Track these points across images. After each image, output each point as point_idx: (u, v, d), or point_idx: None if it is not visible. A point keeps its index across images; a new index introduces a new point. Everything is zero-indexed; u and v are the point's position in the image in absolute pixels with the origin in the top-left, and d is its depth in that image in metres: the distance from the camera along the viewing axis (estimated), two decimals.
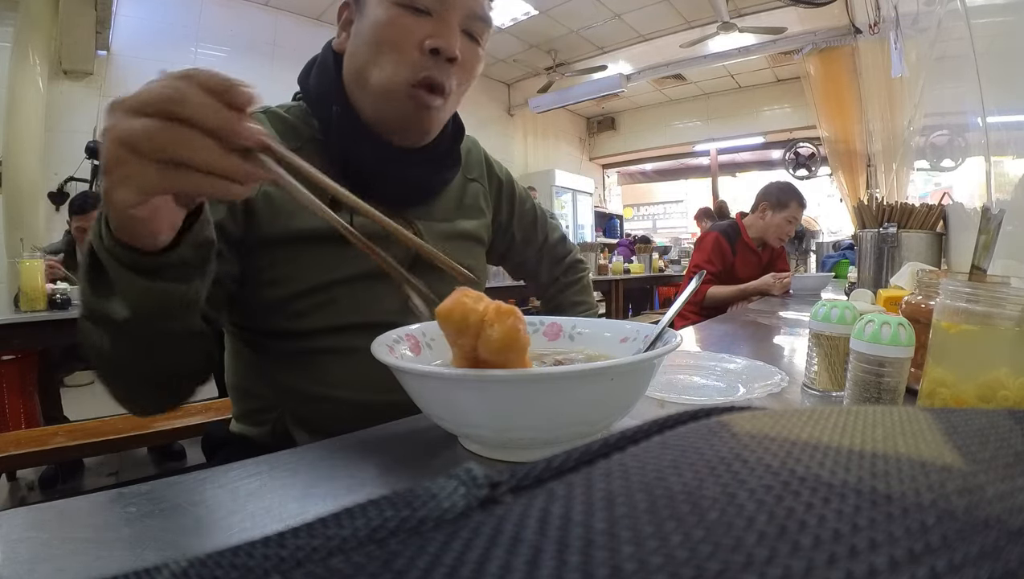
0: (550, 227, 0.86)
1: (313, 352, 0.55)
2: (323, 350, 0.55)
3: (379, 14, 0.54)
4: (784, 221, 1.93)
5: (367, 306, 0.57)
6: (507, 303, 0.34)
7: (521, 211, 0.80)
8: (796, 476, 0.09)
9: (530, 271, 0.87)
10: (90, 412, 2.09)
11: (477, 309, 0.33)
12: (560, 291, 0.87)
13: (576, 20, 4.71)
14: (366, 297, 0.57)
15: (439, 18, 0.54)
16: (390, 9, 0.54)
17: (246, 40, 4.09)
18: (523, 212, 0.80)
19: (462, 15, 0.55)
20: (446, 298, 0.34)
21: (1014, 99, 0.91)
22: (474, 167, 0.73)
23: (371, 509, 0.09)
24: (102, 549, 0.27)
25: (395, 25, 0.53)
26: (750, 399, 0.51)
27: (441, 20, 0.54)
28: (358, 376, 0.54)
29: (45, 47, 3.11)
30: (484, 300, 0.34)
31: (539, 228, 0.83)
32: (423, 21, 0.54)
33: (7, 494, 1.67)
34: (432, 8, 0.54)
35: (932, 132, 1.74)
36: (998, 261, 0.59)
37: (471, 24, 0.56)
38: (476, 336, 0.33)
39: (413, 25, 0.53)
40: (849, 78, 4.53)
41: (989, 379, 0.37)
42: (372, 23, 0.54)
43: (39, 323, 1.53)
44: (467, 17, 0.56)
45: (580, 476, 0.09)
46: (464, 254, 0.67)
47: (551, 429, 0.35)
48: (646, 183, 8.02)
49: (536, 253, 0.84)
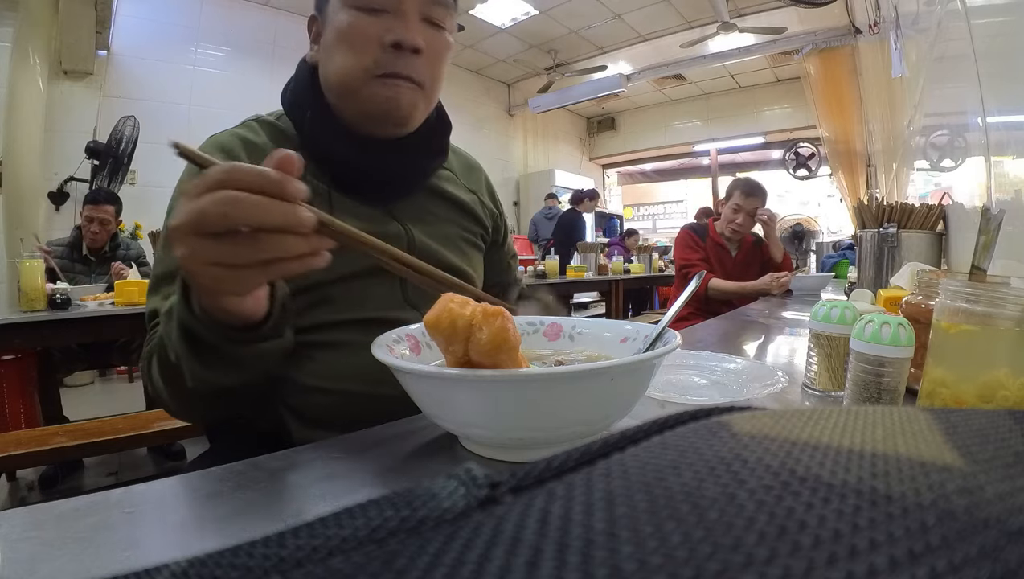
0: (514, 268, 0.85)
1: (308, 346, 0.56)
2: (317, 344, 0.56)
3: (340, 20, 0.56)
4: (730, 211, 2.02)
5: (361, 302, 0.58)
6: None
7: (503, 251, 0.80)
8: (796, 476, 0.09)
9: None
10: (90, 412, 2.09)
11: (464, 314, 0.33)
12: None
13: (576, 20, 4.71)
14: (360, 294, 0.58)
15: (396, 13, 0.55)
16: (348, 13, 0.55)
17: (246, 40, 4.08)
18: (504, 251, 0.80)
19: (418, 5, 0.56)
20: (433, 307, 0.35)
21: (1014, 99, 0.91)
22: (477, 183, 0.74)
23: (371, 509, 0.09)
24: (102, 549, 0.27)
25: (354, 27, 0.55)
26: (750, 399, 0.51)
27: (398, 15, 0.55)
28: (350, 368, 0.55)
29: (45, 47, 3.12)
30: (471, 304, 0.34)
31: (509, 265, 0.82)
32: (381, 19, 0.55)
33: (7, 494, 1.67)
34: (387, 6, 0.55)
35: (932, 132, 1.74)
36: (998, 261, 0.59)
37: (430, 11, 0.57)
38: (466, 340, 0.33)
39: (371, 25, 0.55)
40: (849, 78, 4.53)
41: (989, 379, 0.37)
42: (335, 31, 0.56)
43: (39, 323, 1.53)
44: (424, 5, 0.56)
45: (580, 476, 0.09)
46: (460, 258, 0.67)
47: (551, 429, 0.35)
48: (646, 183, 8.02)
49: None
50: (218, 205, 0.32)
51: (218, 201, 0.32)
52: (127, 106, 3.51)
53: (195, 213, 0.32)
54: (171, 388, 0.48)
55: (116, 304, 1.70)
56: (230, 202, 0.32)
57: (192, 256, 0.34)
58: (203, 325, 0.40)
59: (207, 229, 0.32)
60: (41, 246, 1.86)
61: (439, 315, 0.34)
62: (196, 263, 0.34)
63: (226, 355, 0.42)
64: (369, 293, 0.58)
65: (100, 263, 2.26)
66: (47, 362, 1.87)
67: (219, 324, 0.40)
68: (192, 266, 0.34)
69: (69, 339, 1.70)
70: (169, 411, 0.53)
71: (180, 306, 0.41)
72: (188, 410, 0.52)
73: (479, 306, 0.34)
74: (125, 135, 3.36)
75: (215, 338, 0.41)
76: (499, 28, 4.80)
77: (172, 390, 0.48)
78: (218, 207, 0.32)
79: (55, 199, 3.30)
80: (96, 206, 2.20)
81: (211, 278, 0.35)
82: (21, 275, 1.62)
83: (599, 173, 7.73)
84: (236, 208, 0.32)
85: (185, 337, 0.41)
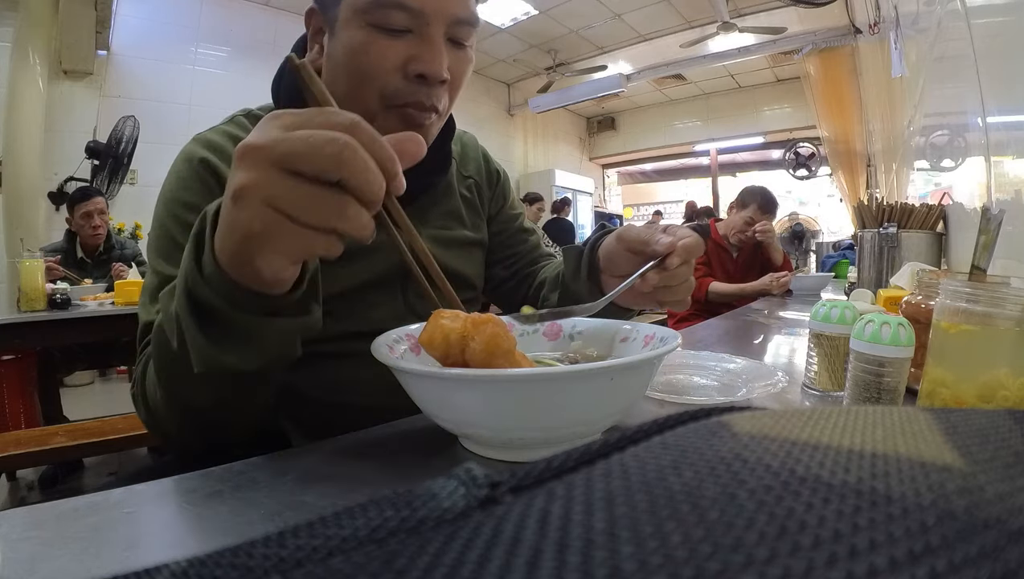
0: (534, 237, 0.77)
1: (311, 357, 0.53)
2: (320, 355, 0.55)
3: (353, 38, 0.48)
4: (741, 221, 2.00)
5: (364, 314, 0.56)
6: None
7: (509, 214, 0.74)
8: (796, 476, 0.09)
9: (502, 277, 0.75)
10: (90, 412, 2.09)
11: (456, 328, 0.35)
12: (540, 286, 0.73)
13: (576, 20, 4.71)
14: (363, 305, 0.56)
15: (420, 35, 0.48)
16: (364, 32, 0.47)
17: (246, 40, 4.08)
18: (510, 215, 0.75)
19: (445, 24, 0.48)
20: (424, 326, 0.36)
21: (1014, 99, 0.91)
22: (471, 163, 0.70)
23: (371, 509, 0.09)
24: (102, 549, 0.27)
25: (370, 52, 0.47)
26: (750, 399, 0.51)
27: (422, 38, 0.48)
28: (353, 380, 0.54)
29: (45, 47, 3.11)
30: (460, 316, 0.36)
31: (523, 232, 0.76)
32: (402, 42, 0.48)
33: (7, 494, 1.67)
34: (410, 25, 0.47)
35: (932, 132, 1.74)
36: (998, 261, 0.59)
37: (456, 31, 0.50)
38: (462, 351, 0.34)
39: (390, 49, 0.48)
40: (849, 78, 4.53)
41: (989, 379, 0.37)
42: (346, 49, 0.49)
43: (39, 323, 1.53)
44: (451, 25, 0.49)
45: (580, 476, 0.09)
46: (463, 262, 0.65)
47: (551, 429, 0.35)
48: (646, 183, 8.02)
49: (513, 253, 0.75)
50: (336, 145, 0.27)
51: (338, 142, 0.27)
52: (127, 106, 3.51)
53: (299, 141, 0.27)
54: (167, 393, 0.41)
55: (116, 304, 1.71)
56: (352, 149, 0.27)
57: (259, 187, 0.28)
58: (211, 290, 0.33)
59: (300, 164, 0.27)
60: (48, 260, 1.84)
61: (432, 334, 0.35)
62: (259, 198, 0.28)
63: (239, 328, 0.34)
64: (372, 304, 0.57)
65: (97, 265, 2.25)
66: (47, 362, 1.87)
67: (247, 290, 0.33)
68: (252, 198, 0.28)
69: (69, 339, 1.70)
70: (162, 432, 0.46)
71: (190, 266, 0.34)
72: (185, 423, 0.44)
73: (469, 317, 0.35)
74: (125, 135, 3.36)
75: (231, 304, 0.33)
76: (499, 28, 4.80)
77: (168, 397, 0.42)
78: (335, 147, 0.27)
79: (55, 199, 3.30)
80: (89, 200, 2.16)
81: (264, 224, 0.29)
82: (21, 275, 1.62)
83: (599, 173, 7.73)
84: (354, 159, 0.27)
85: (193, 306, 0.34)
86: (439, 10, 0.48)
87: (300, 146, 0.27)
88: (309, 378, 0.54)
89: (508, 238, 0.75)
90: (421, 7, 0.47)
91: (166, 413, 0.43)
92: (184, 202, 0.50)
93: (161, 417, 0.44)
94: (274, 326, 0.35)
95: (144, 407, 0.45)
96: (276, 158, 0.28)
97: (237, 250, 0.31)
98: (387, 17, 0.47)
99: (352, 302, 0.55)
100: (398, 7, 0.47)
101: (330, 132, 0.28)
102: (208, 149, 0.52)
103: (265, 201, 0.28)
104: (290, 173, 0.28)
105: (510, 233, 0.75)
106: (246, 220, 0.29)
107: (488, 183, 0.72)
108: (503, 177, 0.75)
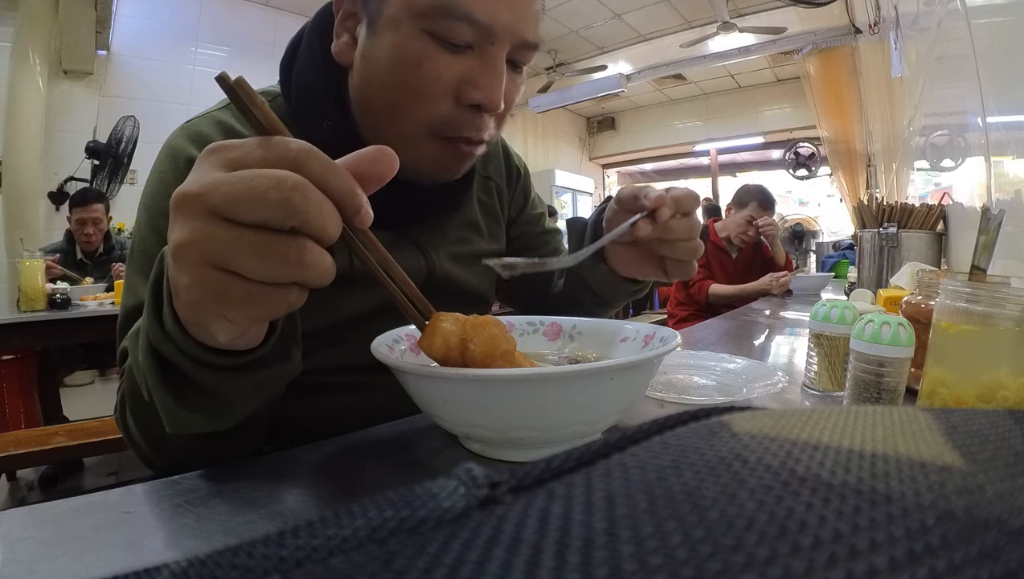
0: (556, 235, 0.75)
1: (316, 388, 0.51)
2: (327, 386, 0.52)
3: (404, 46, 0.42)
4: (742, 220, 1.98)
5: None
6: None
7: (530, 216, 0.71)
8: (796, 476, 0.09)
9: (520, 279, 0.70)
10: (90, 412, 2.09)
11: (456, 330, 0.35)
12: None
13: (576, 20, 4.71)
14: (371, 335, 0.52)
15: (482, 55, 0.42)
16: (418, 42, 0.41)
17: (246, 40, 4.08)
18: (532, 216, 0.71)
19: (511, 46, 0.43)
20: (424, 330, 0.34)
21: (1014, 99, 0.91)
22: (491, 161, 0.66)
23: (371, 509, 0.09)
24: (102, 549, 0.27)
25: (423, 68, 0.42)
26: (750, 399, 0.51)
27: (484, 60, 0.42)
28: (360, 411, 0.50)
29: (45, 47, 3.11)
30: (459, 319, 0.35)
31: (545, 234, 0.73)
32: (459, 59, 0.42)
33: (7, 494, 1.67)
34: (472, 41, 0.42)
35: (932, 132, 1.74)
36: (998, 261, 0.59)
37: (519, 53, 0.45)
38: (463, 353, 0.34)
39: (447, 68, 0.42)
40: (849, 78, 4.53)
41: (989, 379, 0.37)
42: (393, 56, 0.42)
43: (39, 323, 1.53)
44: (516, 48, 0.44)
45: (580, 476, 0.09)
46: (479, 278, 0.61)
47: (551, 429, 0.35)
48: (646, 183, 8.01)
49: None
50: (281, 190, 0.22)
51: (284, 185, 0.22)
52: (127, 106, 3.51)
53: (239, 186, 0.22)
54: (149, 436, 0.38)
55: (116, 304, 1.70)
56: (302, 191, 0.23)
57: (196, 243, 0.23)
58: (176, 349, 0.28)
59: (241, 214, 0.23)
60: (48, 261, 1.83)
61: (432, 337, 0.35)
62: (198, 257, 0.23)
63: (207, 387, 0.30)
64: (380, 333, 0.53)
65: (96, 266, 2.25)
66: (47, 362, 1.87)
67: (208, 350, 0.28)
68: (190, 258, 0.24)
69: (69, 339, 1.70)
70: (152, 466, 0.42)
71: (151, 321, 0.29)
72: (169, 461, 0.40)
73: (468, 319, 0.35)
74: (125, 135, 3.36)
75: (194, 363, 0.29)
76: None
77: (151, 439, 0.38)
78: (280, 192, 0.22)
79: (55, 199, 3.30)
80: (85, 207, 2.16)
81: (207, 288, 0.24)
82: (21, 275, 1.62)
83: (599, 173, 7.73)
84: (305, 204, 0.23)
85: (156, 362, 0.30)
86: (510, 29, 0.42)
87: (241, 192, 0.23)
88: (316, 411, 0.51)
89: (529, 242, 0.70)
90: (491, 23, 0.41)
91: (149, 450, 0.40)
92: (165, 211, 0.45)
93: (144, 451, 0.41)
94: (247, 381, 0.31)
95: (126, 434, 0.41)
96: (213, 207, 0.23)
97: (186, 316, 0.27)
98: (450, 29, 0.41)
99: (360, 329, 0.49)
100: (466, 20, 0.41)
101: (274, 173, 0.23)
102: (196, 144, 0.46)
103: (206, 261, 0.23)
104: (232, 224, 0.23)
105: (531, 236, 0.71)
106: (187, 285, 0.24)
107: (508, 184, 0.68)
108: (523, 174, 0.70)
